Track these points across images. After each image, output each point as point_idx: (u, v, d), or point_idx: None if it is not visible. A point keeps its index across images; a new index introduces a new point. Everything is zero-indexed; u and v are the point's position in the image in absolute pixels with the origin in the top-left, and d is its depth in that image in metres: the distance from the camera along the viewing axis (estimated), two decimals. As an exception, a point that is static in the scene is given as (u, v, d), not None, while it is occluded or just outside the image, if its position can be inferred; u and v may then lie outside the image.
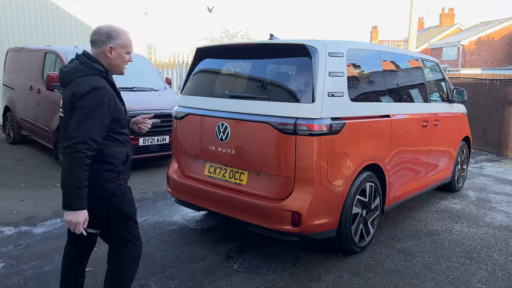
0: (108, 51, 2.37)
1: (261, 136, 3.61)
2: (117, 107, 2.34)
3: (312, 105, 3.44)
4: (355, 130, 3.79)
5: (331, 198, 3.59)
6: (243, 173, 3.80)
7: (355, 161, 3.78)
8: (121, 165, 2.40)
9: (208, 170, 4.08)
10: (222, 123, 3.85)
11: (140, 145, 6.93)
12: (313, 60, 3.52)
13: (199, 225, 4.71)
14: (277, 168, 3.55)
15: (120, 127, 2.40)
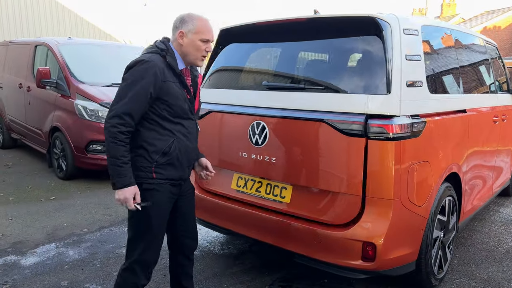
0: (179, 36, 2.24)
1: (313, 139, 2.74)
2: (168, 88, 2.16)
3: (388, 98, 2.56)
4: (435, 130, 2.91)
5: (412, 222, 2.72)
6: (285, 187, 2.95)
7: (436, 171, 2.91)
8: (159, 155, 2.18)
9: (236, 183, 3.23)
10: (258, 122, 2.98)
11: (146, 149, 6.03)
12: (386, 38, 2.63)
13: (226, 249, 3.83)
14: (337, 182, 2.67)
15: (170, 114, 2.19)
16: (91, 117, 5.83)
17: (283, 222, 2.89)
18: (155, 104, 2.15)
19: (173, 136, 2.21)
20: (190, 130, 2.30)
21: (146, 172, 2.18)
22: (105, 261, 3.57)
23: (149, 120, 2.17)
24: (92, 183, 5.92)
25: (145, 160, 2.17)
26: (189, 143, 2.29)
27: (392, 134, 2.52)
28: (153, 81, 2.10)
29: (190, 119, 2.29)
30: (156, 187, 2.20)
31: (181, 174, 2.30)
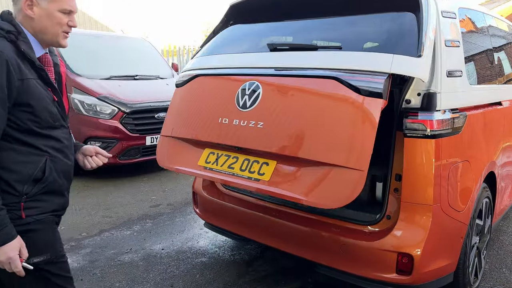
0: (26, 6, 1.60)
1: (318, 100, 2.26)
2: (28, 88, 1.55)
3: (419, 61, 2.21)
4: (476, 125, 2.61)
5: (452, 229, 2.42)
6: (267, 163, 2.34)
7: (476, 171, 2.61)
8: (27, 184, 1.58)
9: (205, 160, 2.59)
10: (252, 83, 2.45)
11: (147, 145, 5.73)
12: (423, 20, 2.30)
13: (237, 255, 3.54)
14: (340, 152, 2.10)
15: (37, 125, 1.60)
16: (88, 112, 5.51)
17: (303, 229, 2.59)
18: (13, 115, 1.54)
19: (43, 154, 1.62)
20: (66, 143, 1.72)
21: (12, 211, 1.55)
22: (106, 269, 3.27)
23: (3, 138, 1.54)
24: (91, 182, 5.61)
25: (7, 195, 1.55)
26: (67, 160, 1.72)
27: (431, 131, 2.22)
28: (7, 81, 1.50)
29: (63, 127, 1.72)
30: (32, 226, 1.60)
31: (63, 202, 1.76)
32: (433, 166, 2.22)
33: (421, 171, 2.24)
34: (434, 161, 2.22)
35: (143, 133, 5.67)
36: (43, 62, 1.66)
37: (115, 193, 5.20)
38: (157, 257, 3.48)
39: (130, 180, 5.69)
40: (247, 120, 2.41)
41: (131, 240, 3.83)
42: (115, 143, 5.50)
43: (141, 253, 3.56)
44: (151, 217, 4.38)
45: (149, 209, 4.62)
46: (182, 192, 5.24)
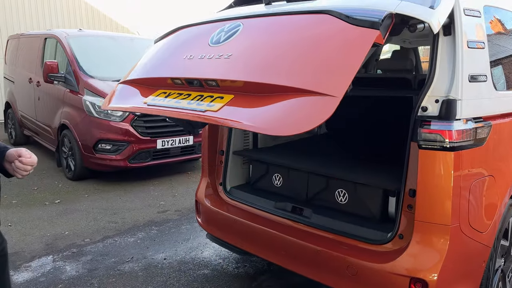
0: None
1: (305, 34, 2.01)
2: None
3: None
4: (502, 136, 2.35)
5: (473, 253, 2.17)
6: (221, 97, 1.97)
7: (502, 187, 2.34)
8: None
9: (154, 97, 2.26)
10: (234, 23, 2.25)
11: (159, 149, 5.62)
12: (442, 21, 2.07)
13: (241, 268, 3.35)
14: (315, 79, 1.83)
15: None
16: (99, 114, 5.44)
17: (308, 245, 2.39)
18: None
19: None
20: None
21: None
22: (104, 280, 3.15)
23: None
24: (101, 185, 5.54)
25: None
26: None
27: (450, 142, 1.98)
28: None
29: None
30: None
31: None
32: (451, 181, 1.97)
33: (438, 187, 2.00)
34: (453, 176, 1.97)
35: (154, 136, 5.56)
36: None
37: (124, 197, 5.10)
38: (158, 268, 3.34)
39: (141, 184, 5.59)
40: (215, 53, 2.11)
41: (134, 248, 3.70)
42: (125, 146, 5.41)
43: (142, 263, 3.42)
44: (157, 224, 4.25)
45: (156, 215, 4.49)
46: (191, 197, 5.10)
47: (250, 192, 3.00)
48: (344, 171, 2.63)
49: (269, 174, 3.01)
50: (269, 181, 3.01)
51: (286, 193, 2.91)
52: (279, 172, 2.94)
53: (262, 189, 3.04)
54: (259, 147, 3.35)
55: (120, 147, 5.40)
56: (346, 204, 2.60)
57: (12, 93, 7.94)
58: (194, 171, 6.30)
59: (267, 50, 2.08)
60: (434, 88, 2.10)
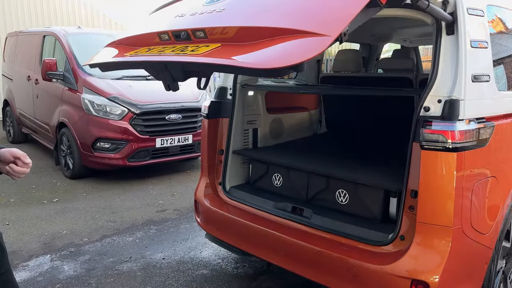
0: None
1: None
2: None
3: None
4: (504, 137, 2.32)
5: (475, 254, 2.15)
6: (207, 45, 1.83)
7: (504, 188, 2.32)
8: None
9: (137, 52, 2.13)
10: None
11: (158, 147, 5.59)
12: (446, 20, 2.06)
13: (240, 268, 3.33)
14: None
15: None
16: (98, 113, 5.41)
17: (308, 246, 2.37)
18: None
19: None
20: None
21: None
22: (102, 279, 3.12)
23: None
24: (100, 184, 5.51)
25: None
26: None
27: (452, 143, 1.95)
28: None
29: None
30: None
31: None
32: (454, 183, 1.95)
33: (440, 189, 1.98)
34: (456, 177, 1.95)
35: (153, 135, 5.53)
36: None
37: (123, 196, 5.07)
38: (156, 267, 3.31)
39: (140, 183, 5.56)
40: (207, 10, 1.99)
41: (132, 247, 3.67)
42: (124, 144, 5.38)
43: (140, 262, 3.40)
44: (156, 223, 4.23)
45: (155, 214, 4.47)
46: (190, 196, 5.06)
47: (249, 192, 2.98)
48: (344, 171, 2.61)
49: (269, 174, 2.98)
50: (269, 181, 2.99)
51: (286, 193, 2.88)
52: (279, 172, 2.91)
53: (262, 189, 3.02)
54: (259, 146, 3.32)
55: (118, 145, 5.37)
56: (346, 204, 2.57)
57: (10, 91, 7.90)
58: (193, 170, 6.27)
59: (261, 4, 1.95)
60: (436, 88, 2.08)
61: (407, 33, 4.78)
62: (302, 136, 3.77)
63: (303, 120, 3.83)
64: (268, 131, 3.42)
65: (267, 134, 3.41)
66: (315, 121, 4.01)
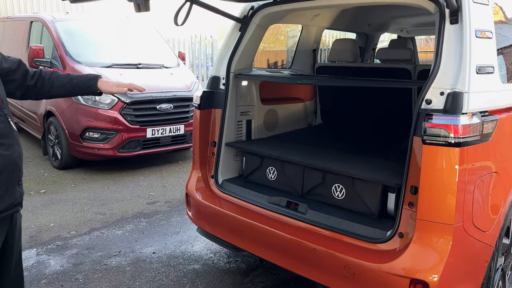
0: None
1: None
2: None
3: None
4: (507, 131, 2.24)
5: (476, 253, 2.08)
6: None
7: (505, 184, 2.25)
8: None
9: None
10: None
11: (148, 137, 5.47)
12: (450, 8, 1.96)
13: (233, 263, 3.25)
14: None
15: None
16: (87, 102, 5.26)
17: (303, 243, 2.28)
18: None
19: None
20: (4, 132, 1.53)
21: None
22: (89, 275, 3.02)
23: None
24: (89, 175, 5.38)
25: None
26: (8, 152, 1.55)
27: (455, 138, 1.87)
28: None
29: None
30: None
31: (8, 201, 1.58)
32: (456, 179, 1.87)
33: (442, 185, 1.89)
34: (458, 173, 1.87)
35: (143, 125, 5.40)
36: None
37: (113, 187, 4.95)
38: (146, 262, 3.22)
39: (130, 174, 5.44)
40: None
41: (121, 241, 3.58)
42: (114, 134, 5.24)
43: (130, 257, 3.30)
44: (147, 216, 4.13)
45: (146, 207, 4.36)
46: (182, 188, 4.97)
47: (243, 186, 2.88)
48: (341, 165, 2.52)
49: (263, 167, 2.89)
50: (263, 175, 2.89)
51: (280, 187, 2.79)
52: (273, 165, 2.82)
53: (256, 182, 2.93)
54: (252, 138, 3.22)
55: (108, 135, 5.23)
56: (343, 199, 2.49)
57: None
58: (185, 161, 6.16)
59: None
60: (439, 80, 1.99)
61: (404, 22, 4.69)
62: (297, 127, 3.67)
63: (298, 111, 3.73)
64: (262, 122, 3.31)
65: (261, 125, 3.30)
66: (310, 113, 3.92)
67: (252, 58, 3.12)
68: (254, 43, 3.00)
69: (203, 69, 11.62)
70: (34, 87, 1.85)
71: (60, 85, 1.87)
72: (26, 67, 1.83)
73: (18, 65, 1.79)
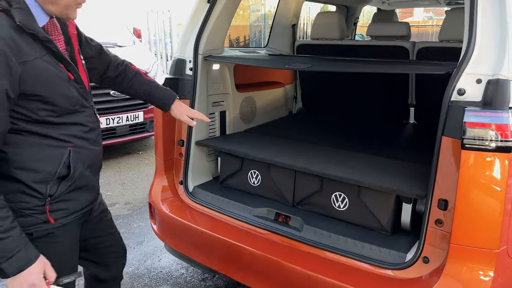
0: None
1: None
2: (34, 72, 1.21)
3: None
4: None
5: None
6: None
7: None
8: (51, 183, 1.31)
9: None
10: None
11: (103, 128, 4.78)
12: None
13: (209, 279, 2.76)
14: None
15: (51, 114, 1.29)
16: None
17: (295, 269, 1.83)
18: (21, 107, 1.24)
19: (65, 145, 1.34)
20: (91, 126, 1.44)
21: (35, 215, 1.32)
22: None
23: (19, 134, 1.27)
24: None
25: (29, 198, 1.30)
26: (95, 146, 1.46)
27: (503, 141, 1.43)
28: (7, 73, 1.14)
29: (86, 109, 1.41)
30: (56, 231, 1.37)
31: (92, 195, 1.51)
32: (504, 193, 1.45)
33: (486, 200, 1.47)
34: (507, 186, 1.45)
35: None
36: (49, 30, 1.32)
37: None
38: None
39: (83, 170, 4.77)
40: None
41: (73, 258, 2.99)
42: (61, 126, 4.53)
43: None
44: (103, 222, 3.53)
45: (102, 210, 3.76)
46: (144, 185, 4.39)
47: (219, 193, 2.37)
48: (341, 169, 2.04)
49: (243, 170, 2.38)
50: (243, 179, 2.39)
51: (265, 195, 2.31)
52: (257, 168, 2.32)
53: (235, 188, 2.43)
54: (228, 133, 2.70)
55: (54, 127, 4.52)
56: (345, 211, 2.04)
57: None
58: (146, 151, 5.54)
59: None
60: (475, 63, 1.55)
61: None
62: (277, 116, 3.18)
63: (278, 97, 3.22)
64: (238, 113, 2.79)
65: (237, 117, 2.78)
66: (290, 98, 3.42)
67: (224, 36, 2.56)
68: (227, 17, 2.44)
69: (161, 45, 10.76)
70: (114, 79, 1.73)
71: (138, 89, 1.77)
72: (108, 56, 1.69)
73: (99, 52, 1.65)
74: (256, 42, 14.72)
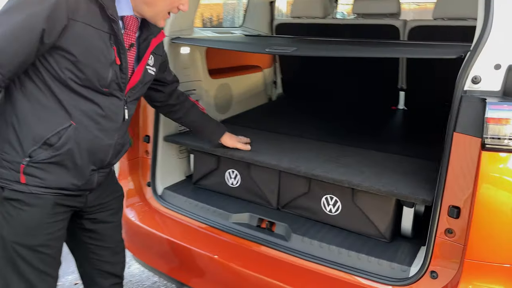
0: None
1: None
2: (80, 33, 1.21)
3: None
4: None
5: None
6: None
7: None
8: (37, 145, 1.28)
9: None
10: None
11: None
12: None
13: (184, 287, 2.50)
14: None
15: (76, 80, 1.25)
16: None
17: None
18: (52, 57, 1.22)
19: (71, 118, 1.29)
20: (109, 114, 1.35)
21: (10, 169, 1.29)
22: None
23: (35, 82, 1.25)
24: None
25: (11, 150, 1.29)
26: (102, 134, 1.36)
27: (530, 139, 1.20)
28: (52, 12, 1.14)
29: (114, 97, 1.35)
30: (25, 199, 1.30)
31: (78, 182, 1.38)
32: (530, 201, 1.23)
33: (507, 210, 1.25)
34: (532, 192, 1.23)
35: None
36: (125, 23, 1.33)
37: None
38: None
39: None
40: None
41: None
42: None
43: None
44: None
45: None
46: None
47: (192, 196, 2.09)
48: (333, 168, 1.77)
49: (220, 169, 2.09)
50: (220, 179, 2.10)
51: (245, 197, 2.04)
52: (235, 167, 2.04)
53: (211, 189, 2.14)
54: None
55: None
56: (338, 216, 1.79)
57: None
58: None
59: None
60: (491, 47, 1.30)
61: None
62: (256, 104, 2.88)
63: (256, 83, 2.92)
64: (213, 102, 2.47)
65: (211, 107, 2.46)
66: (269, 84, 3.12)
67: (193, 15, 2.23)
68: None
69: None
70: (172, 107, 1.81)
71: (191, 120, 1.87)
72: (176, 87, 1.81)
73: (173, 82, 1.78)
74: (230, 21, 14.18)
